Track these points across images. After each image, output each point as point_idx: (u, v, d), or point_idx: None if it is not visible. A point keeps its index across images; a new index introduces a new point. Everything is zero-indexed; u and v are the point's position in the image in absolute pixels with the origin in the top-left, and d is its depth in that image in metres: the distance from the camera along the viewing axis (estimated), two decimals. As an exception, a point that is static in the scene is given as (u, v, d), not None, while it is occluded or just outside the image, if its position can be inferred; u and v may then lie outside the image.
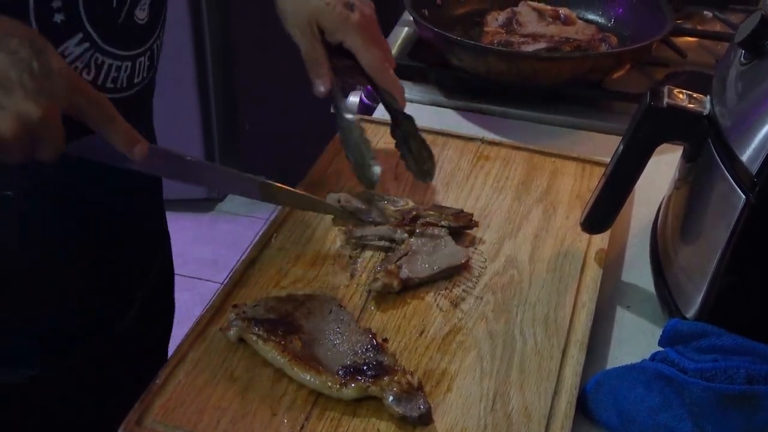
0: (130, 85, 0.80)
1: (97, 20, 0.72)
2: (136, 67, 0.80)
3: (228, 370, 0.72)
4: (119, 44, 0.76)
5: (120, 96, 0.78)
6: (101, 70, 0.75)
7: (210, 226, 2.80)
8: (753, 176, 0.69)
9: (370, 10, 0.90)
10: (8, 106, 0.60)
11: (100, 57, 0.74)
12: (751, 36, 0.73)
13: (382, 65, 0.90)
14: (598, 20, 1.35)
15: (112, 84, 0.77)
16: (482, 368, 0.74)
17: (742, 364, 0.68)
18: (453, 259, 0.84)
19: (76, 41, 0.71)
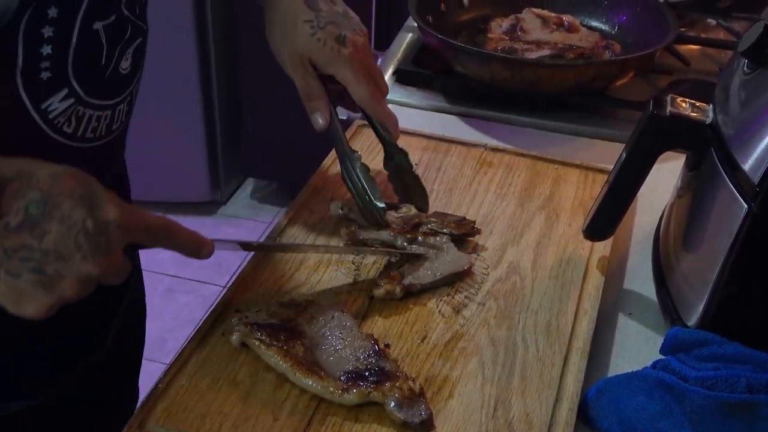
0: (109, 132, 0.79)
1: (83, 76, 0.71)
2: (116, 115, 0.79)
3: (230, 375, 0.72)
4: (102, 95, 0.75)
5: (97, 144, 0.77)
6: (81, 122, 0.74)
7: (213, 229, 2.80)
8: (755, 185, 0.69)
9: (364, 38, 0.89)
10: (68, 273, 0.59)
11: (82, 109, 0.73)
12: (755, 45, 0.73)
13: (374, 98, 0.89)
14: (602, 28, 1.35)
15: (92, 134, 0.76)
16: (484, 375, 0.74)
17: (743, 372, 0.68)
18: (456, 266, 0.84)
19: (61, 97, 0.70)
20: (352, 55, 0.87)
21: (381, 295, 0.81)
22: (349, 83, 0.88)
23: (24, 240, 0.57)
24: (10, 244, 0.57)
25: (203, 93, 2.62)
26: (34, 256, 0.58)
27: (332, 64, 0.88)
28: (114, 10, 0.72)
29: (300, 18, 0.87)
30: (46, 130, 0.71)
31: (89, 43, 0.70)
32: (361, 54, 0.88)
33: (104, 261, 0.60)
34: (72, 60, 0.69)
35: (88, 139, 0.76)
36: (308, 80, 0.89)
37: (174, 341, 2.29)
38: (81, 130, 0.74)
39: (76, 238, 0.58)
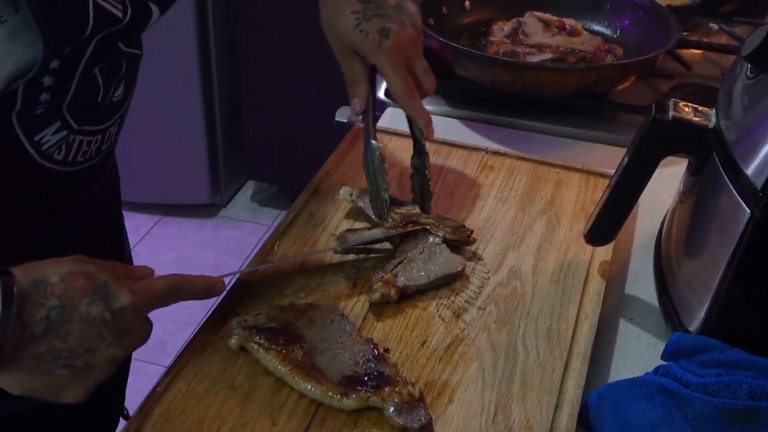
0: (98, 153, 0.79)
1: (76, 110, 0.72)
2: (106, 137, 0.79)
3: (229, 379, 0.72)
4: (94, 123, 0.76)
5: (86, 166, 0.78)
6: (72, 148, 0.75)
7: (213, 232, 2.80)
8: (758, 191, 0.68)
9: (413, 31, 0.90)
10: (97, 361, 0.63)
11: (73, 137, 0.74)
12: (758, 50, 0.73)
13: (407, 93, 0.90)
14: (604, 32, 1.35)
15: (82, 158, 0.77)
16: (484, 380, 0.74)
17: (745, 379, 0.68)
18: (449, 267, 0.84)
19: (54, 129, 0.71)
20: (393, 48, 0.88)
21: (377, 299, 0.80)
22: (386, 75, 0.90)
23: (50, 344, 0.61)
24: (38, 350, 0.61)
25: (204, 95, 2.62)
26: (62, 355, 0.61)
27: (373, 56, 0.89)
28: (113, 52, 0.73)
29: (347, 8, 0.89)
30: (37, 159, 0.72)
31: (87, 87, 0.72)
32: (404, 48, 0.89)
33: (127, 341, 0.64)
34: (69, 101, 0.71)
35: (78, 163, 0.77)
36: (352, 67, 0.91)
37: (174, 344, 2.28)
38: (71, 156, 0.76)
39: (98, 330, 0.62)
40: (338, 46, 0.91)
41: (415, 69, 0.91)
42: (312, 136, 1.99)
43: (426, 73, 0.91)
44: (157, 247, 2.67)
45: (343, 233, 0.88)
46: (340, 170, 1.01)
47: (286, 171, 2.71)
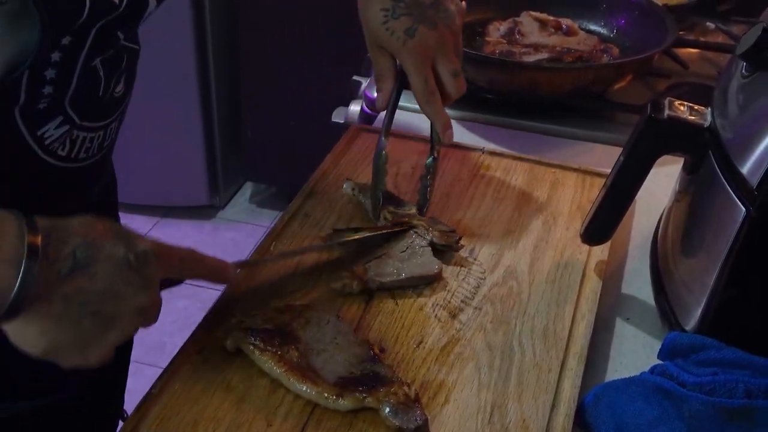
0: (100, 150, 0.79)
1: (79, 105, 0.72)
2: (107, 133, 0.79)
3: (224, 380, 0.72)
4: (96, 118, 0.76)
5: (88, 163, 0.78)
6: (75, 145, 0.75)
7: (212, 234, 2.80)
8: (753, 189, 0.68)
9: (440, 33, 0.89)
10: (124, 308, 0.63)
11: (76, 132, 0.74)
12: (753, 48, 0.73)
13: (426, 95, 0.89)
14: (600, 31, 1.35)
15: (85, 154, 0.77)
16: (480, 380, 0.73)
17: (742, 377, 0.68)
18: (424, 269, 0.83)
19: (56, 124, 0.71)
20: (417, 48, 0.88)
21: (338, 287, 0.81)
22: (409, 74, 0.90)
23: (78, 284, 0.60)
24: (67, 290, 0.60)
25: (202, 97, 2.62)
26: (90, 299, 0.60)
27: (397, 54, 0.89)
28: (113, 44, 0.73)
29: (378, 4, 0.89)
30: (40, 154, 0.72)
31: (89, 79, 0.71)
32: (430, 48, 0.88)
33: (152, 293, 0.64)
34: (71, 94, 0.70)
35: (81, 159, 0.77)
36: (380, 61, 0.91)
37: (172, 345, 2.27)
38: (75, 152, 0.75)
39: (123, 273, 0.62)
40: (368, 40, 0.91)
41: (440, 71, 0.90)
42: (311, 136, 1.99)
43: (453, 75, 0.90)
44: (155, 248, 2.66)
45: (329, 233, 0.88)
46: (336, 171, 1.00)
47: (285, 172, 2.71)
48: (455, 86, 0.91)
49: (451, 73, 0.90)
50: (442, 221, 0.92)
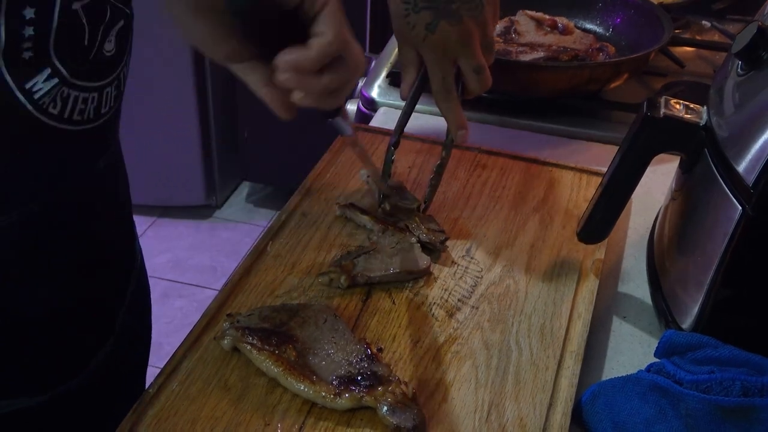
0: (98, 116, 0.79)
1: (65, 56, 0.71)
2: (103, 98, 0.79)
3: (221, 380, 0.72)
4: (87, 77, 0.75)
5: (87, 127, 0.77)
6: (68, 103, 0.74)
7: (209, 233, 2.80)
8: (749, 187, 0.68)
9: (464, 28, 0.86)
10: None
11: (67, 90, 0.73)
12: (748, 47, 0.73)
13: (442, 93, 0.89)
14: (596, 30, 1.35)
15: (79, 116, 0.76)
16: (477, 379, 0.73)
17: (738, 375, 0.68)
18: (412, 264, 0.84)
19: (45, 77, 0.70)
20: (437, 43, 0.86)
21: (325, 282, 0.81)
22: (429, 70, 0.89)
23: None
24: None
25: (198, 96, 2.62)
26: None
27: (418, 48, 0.89)
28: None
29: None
30: (32, 111, 0.71)
31: (69, 24, 0.70)
32: (451, 44, 0.87)
33: None
34: (54, 40, 0.69)
35: (76, 122, 0.76)
36: (403, 52, 0.91)
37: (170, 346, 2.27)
38: (68, 112, 0.74)
39: None
40: (394, 29, 0.90)
41: (463, 67, 0.88)
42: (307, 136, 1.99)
43: (476, 72, 0.88)
44: (151, 248, 2.67)
45: (347, 204, 0.91)
46: (332, 170, 1.00)
47: (282, 171, 2.71)
48: (478, 83, 0.89)
49: (473, 70, 0.88)
50: (436, 220, 0.92)
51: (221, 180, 2.85)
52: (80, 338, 0.89)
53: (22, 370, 0.84)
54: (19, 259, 0.76)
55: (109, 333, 0.93)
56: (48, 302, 0.81)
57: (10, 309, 0.78)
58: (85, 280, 0.85)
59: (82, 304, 0.86)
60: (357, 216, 0.91)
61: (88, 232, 0.84)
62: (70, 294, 0.83)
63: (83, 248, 0.84)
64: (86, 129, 0.77)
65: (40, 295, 0.80)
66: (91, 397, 0.92)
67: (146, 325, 1.08)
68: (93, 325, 0.90)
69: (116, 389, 0.95)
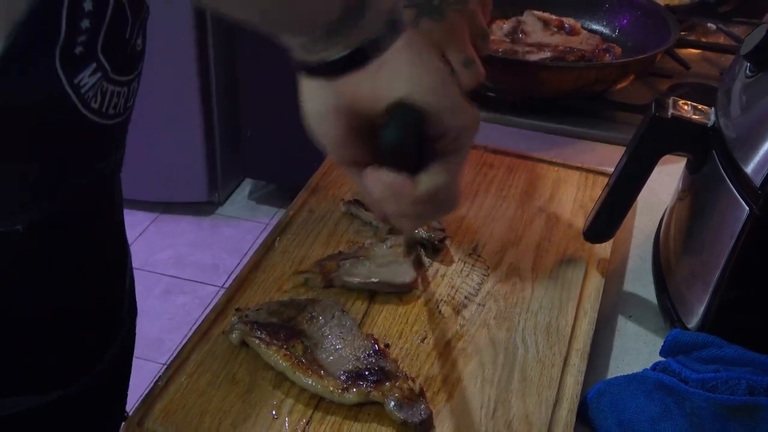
0: (125, 109, 0.80)
1: (108, 50, 0.72)
2: (130, 92, 0.80)
3: (230, 373, 0.72)
4: (122, 71, 0.76)
5: (116, 122, 0.78)
6: (106, 98, 0.74)
7: (210, 230, 2.80)
8: (757, 188, 0.69)
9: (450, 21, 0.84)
10: None
11: (106, 85, 0.74)
12: (757, 49, 0.73)
13: None
14: (603, 31, 1.35)
15: (114, 110, 0.76)
16: (483, 375, 0.74)
17: (744, 375, 0.68)
18: (395, 276, 0.81)
19: (90, 71, 0.71)
20: None
21: (301, 281, 0.81)
22: None
23: None
24: None
25: (202, 93, 2.62)
26: None
27: None
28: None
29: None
30: (78, 106, 0.71)
31: (118, 16, 0.71)
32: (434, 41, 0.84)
33: None
34: (103, 34, 0.70)
35: (111, 116, 0.76)
36: None
37: (171, 342, 2.29)
38: (105, 106, 0.75)
39: None
40: None
41: (452, 62, 0.85)
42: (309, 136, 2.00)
43: (465, 65, 0.85)
44: (153, 244, 2.67)
45: (352, 201, 0.92)
46: (339, 168, 1.01)
47: (284, 169, 2.72)
48: (468, 76, 0.87)
49: (462, 64, 0.86)
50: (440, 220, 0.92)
51: (224, 177, 2.86)
52: (82, 338, 0.89)
53: (23, 369, 0.84)
54: (19, 258, 0.76)
55: (114, 334, 0.93)
56: (48, 302, 0.81)
57: (10, 309, 0.78)
58: (84, 280, 0.85)
59: (82, 304, 0.85)
60: (362, 213, 0.92)
61: (88, 231, 0.84)
62: (70, 294, 0.83)
63: (83, 248, 0.84)
64: (117, 123, 0.78)
65: (39, 295, 0.80)
66: (100, 398, 0.93)
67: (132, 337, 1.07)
68: (95, 325, 0.90)
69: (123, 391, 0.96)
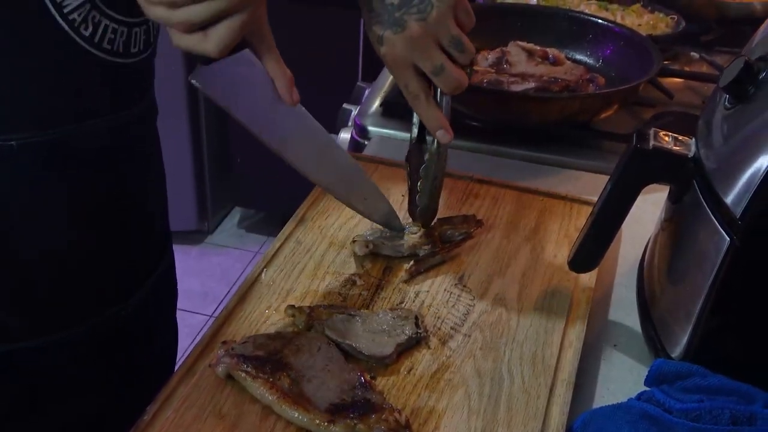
0: (127, 53, 0.81)
1: None
2: (133, 36, 0.81)
3: (216, 407, 0.72)
4: (114, 8, 0.78)
5: (117, 61, 0.80)
6: (98, 28, 0.77)
7: (199, 259, 2.80)
8: (737, 219, 0.70)
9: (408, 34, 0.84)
10: None
11: (98, 16, 0.76)
12: (735, 81, 0.74)
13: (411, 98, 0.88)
14: (587, 61, 1.37)
15: (109, 45, 0.79)
16: (470, 406, 0.74)
17: (727, 404, 0.69)
18: (375, 348, 0.78)
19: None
20: (386, 56, 0.86)
21: (288, 314, 0.81)
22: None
23: None
24: None
25: (191, 121, 2.63)
26: None
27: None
28: None
29: (365, 15, 0.88)
30: (63, 27, 0.74)
31: None
32: (399, 54, 0.85)
33: None
34: None
35: (106, 50, 0.79)
36: None
37: (160, 371, 2.28)
38: (98, 37, 0.77)
39: None
40: None
41: (424, 71, 0.86)
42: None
43: (435, 74, 0.86)
44: (143, 273, 2.66)
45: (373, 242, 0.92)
46: (327, 198, 1.01)
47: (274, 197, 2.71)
48: (441, 83, 0.87)
49: (431, 72, 0.86)
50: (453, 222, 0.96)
51: (213, 205, 2.86)
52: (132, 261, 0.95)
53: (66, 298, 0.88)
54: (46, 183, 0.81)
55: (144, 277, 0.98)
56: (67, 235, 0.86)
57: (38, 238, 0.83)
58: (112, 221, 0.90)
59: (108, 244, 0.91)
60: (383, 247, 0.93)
61: (114, 174, 0.88)
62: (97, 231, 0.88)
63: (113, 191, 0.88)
64: (118, 63, 0.80)
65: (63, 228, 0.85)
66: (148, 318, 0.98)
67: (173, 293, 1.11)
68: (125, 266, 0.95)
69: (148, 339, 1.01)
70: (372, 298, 0.86)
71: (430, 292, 0.88)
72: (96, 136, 0.82)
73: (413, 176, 0.93)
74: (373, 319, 0.81)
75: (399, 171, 1.07)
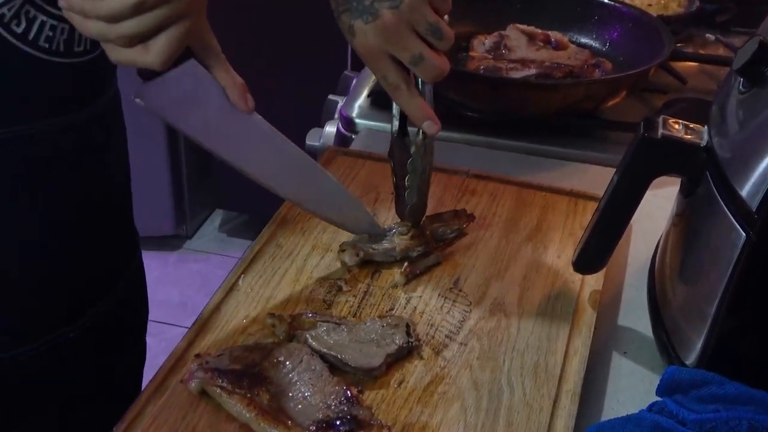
0: (69, 52, 0.81)
1: None
2: (75, 34, 0.81)
3: (189, 426, 0.72)
4: (55, 3, 0.76)
5: (58, 61, 0.80)
6: (33, 25, 0.76)
7: (177, 266, 2.79)
8: (753, 212, 0.69)
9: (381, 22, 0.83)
10: None
11: (32, 11, 0.76)
12: (750, 62, 0.74)
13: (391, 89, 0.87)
14: (592, 44, 1.37)
15: (47, 44, 0.78)
16: (466, 421, 0.74)
17: (745, 414, 0.68)
18: (362, 359, 0.78)
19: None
20: (359, 47, 0.86)
21: (268, 323, 0.81)
22: None
23: None
24: None
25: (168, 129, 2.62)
26: None
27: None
28: None
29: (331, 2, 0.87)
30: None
31: None
32: (373, 44, 0.84)
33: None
34: None
35: (44, 49, 0.78)
36: None
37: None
38: (33, 35, 0.77)
39: None
40: None
41: (402, 61, 0.86)
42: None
43: (413, 64, 0.85)
44: (116, 283, 2.66)
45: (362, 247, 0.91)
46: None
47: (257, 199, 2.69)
48: (421, 72, 0.86)
49: (409, 62, 0.85)
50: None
51: (192, 208, 2.85)
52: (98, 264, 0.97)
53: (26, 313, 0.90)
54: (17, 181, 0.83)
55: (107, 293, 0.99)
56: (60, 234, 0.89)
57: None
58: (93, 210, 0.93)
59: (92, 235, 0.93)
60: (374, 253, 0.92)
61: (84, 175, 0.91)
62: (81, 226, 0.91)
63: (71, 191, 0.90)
64: (59, 63, 0.80)
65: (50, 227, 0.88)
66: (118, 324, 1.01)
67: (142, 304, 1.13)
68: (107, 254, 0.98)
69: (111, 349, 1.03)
70: (359, 305, 0.86)
71: (422, 298, 0.88)
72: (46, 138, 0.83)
73: (398, 172, 0.92)
74: (360, 328, 0.81)
75: (387, 167, 1.06)
